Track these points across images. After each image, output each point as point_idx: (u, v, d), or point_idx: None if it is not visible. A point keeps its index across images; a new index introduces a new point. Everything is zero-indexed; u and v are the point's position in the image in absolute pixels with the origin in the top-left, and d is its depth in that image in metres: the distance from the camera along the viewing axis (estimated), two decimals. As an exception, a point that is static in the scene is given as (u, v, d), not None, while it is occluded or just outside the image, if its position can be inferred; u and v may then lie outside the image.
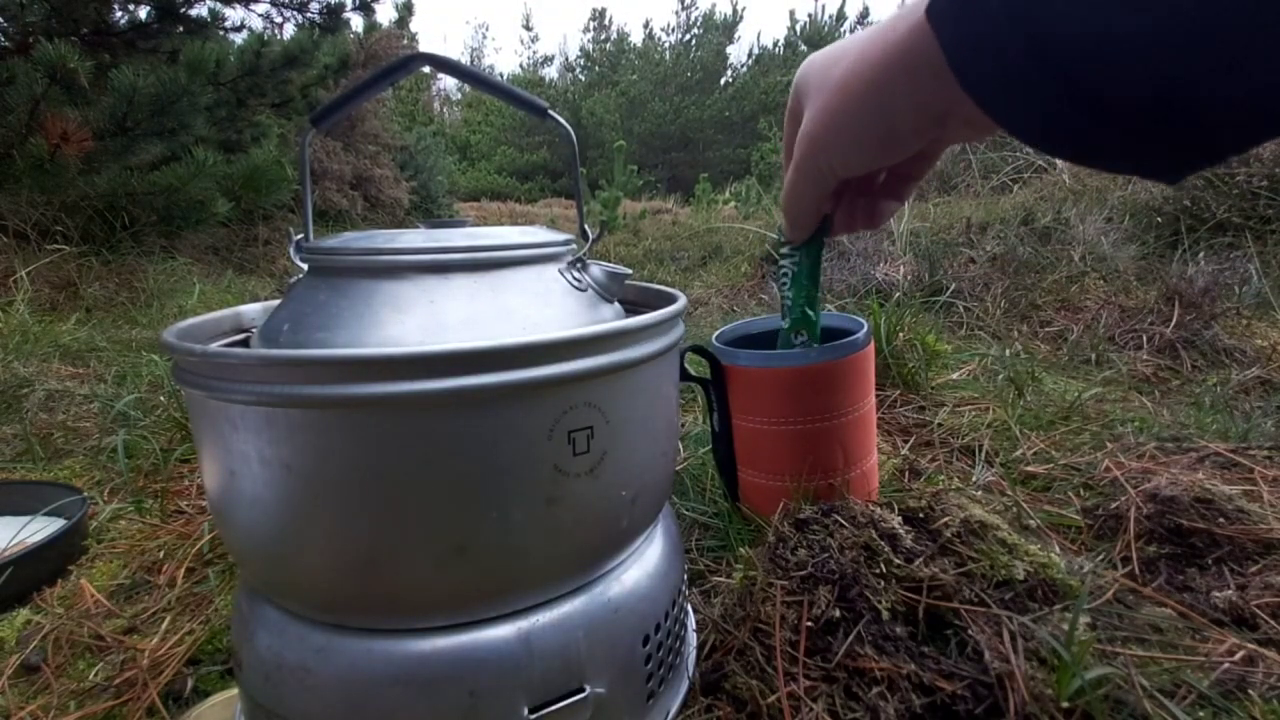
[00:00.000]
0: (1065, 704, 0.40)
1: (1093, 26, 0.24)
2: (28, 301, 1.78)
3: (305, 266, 0.42)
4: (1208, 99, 0.24)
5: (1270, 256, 1.65)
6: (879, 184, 0.48)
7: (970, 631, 0.44)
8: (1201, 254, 1.68)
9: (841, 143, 0.37)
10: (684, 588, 0.48)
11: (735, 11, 15.53)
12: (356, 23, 3.89)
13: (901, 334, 1.11)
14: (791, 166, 0.42)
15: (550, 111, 0.45)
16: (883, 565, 0.48)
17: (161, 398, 1.11)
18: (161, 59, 2.46)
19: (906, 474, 0.80)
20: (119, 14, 2.53)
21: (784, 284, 0.57)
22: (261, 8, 2.90)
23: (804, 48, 13.95)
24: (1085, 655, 0.42)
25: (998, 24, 0.26)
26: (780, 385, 0.59)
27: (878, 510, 0.53)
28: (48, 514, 0.76)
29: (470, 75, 0.46)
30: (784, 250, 0.56)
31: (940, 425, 0.91)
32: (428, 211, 5.33)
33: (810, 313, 0.57)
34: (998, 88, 0.28)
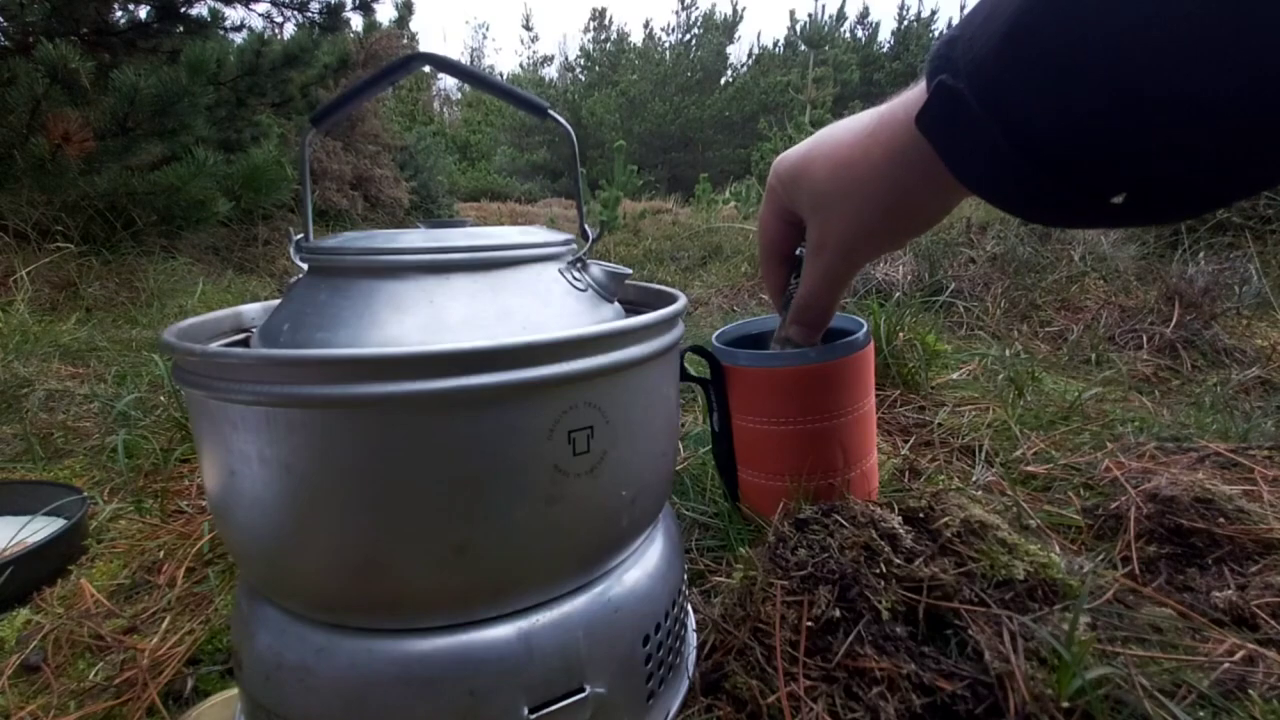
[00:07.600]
0: (1065, 704, 0.40)
1: (1063, 122, 0.26)
2: (28, 301, 1.78)
3: (305, 266, 0.42)
4: (1178, 181, 0.26)
5: (1270, 256, 1.65)
6: None
7: (970, 631, 0.44)
8: (1201, 254, 1.68)
9: (879, 242, 0.42)
10: (684, 588, 0.48)
11: (735, 11, 15.55)
12: (356, 22, 3.88)
13: (901, 334, 1.11)
14: (820, 274, 0.46)
15: (550, 111, 0.45)
16: (883, 565, 0.48)
17: (161, 398, 1.11)
18: (162, 59, 2.46)
19: (906, 474, 0.80)
20: (119, 14, 2.52)
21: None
22: (261, 7, 2.89)
23: (804, 47, 13.95)
24: (1085, 655, 0.42)
25: (983, 125, 0.28)
26: (780, 385, 0.59)
27: (878, 510, 0.53)
28: (48, 514, 0.76)
29: (470, 75, 0.46)
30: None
31: (940, 425, 0.91)
32: (428, 211, 5.31)
33: None
34: (998, 184, 0.30)
